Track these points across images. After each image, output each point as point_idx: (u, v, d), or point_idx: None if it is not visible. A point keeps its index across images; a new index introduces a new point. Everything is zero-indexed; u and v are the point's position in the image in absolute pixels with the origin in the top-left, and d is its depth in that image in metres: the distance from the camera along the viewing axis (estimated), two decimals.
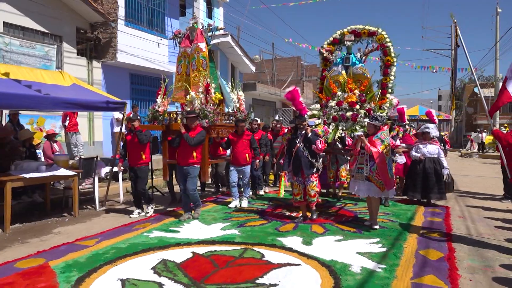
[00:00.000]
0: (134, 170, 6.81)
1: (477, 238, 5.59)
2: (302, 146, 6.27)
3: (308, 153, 6.24)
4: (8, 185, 5.86)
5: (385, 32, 7.50)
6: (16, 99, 5.69)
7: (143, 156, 6.85)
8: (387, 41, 7.44)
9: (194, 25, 7.77)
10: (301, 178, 6.31)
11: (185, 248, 4.99)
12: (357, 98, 7.26)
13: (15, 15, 9.70)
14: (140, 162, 6.81)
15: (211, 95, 7.30)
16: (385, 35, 7.46)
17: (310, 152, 6.24)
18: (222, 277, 4.02)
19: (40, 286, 3.82)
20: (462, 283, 3.91)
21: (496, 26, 25.07)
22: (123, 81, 12.87)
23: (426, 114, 10.66)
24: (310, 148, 6.23)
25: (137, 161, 6.80)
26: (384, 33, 7.49)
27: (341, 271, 4.19)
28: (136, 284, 3.85)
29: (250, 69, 21.16)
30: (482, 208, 7.73)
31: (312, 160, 6.24)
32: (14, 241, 5.43)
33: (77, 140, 10.72)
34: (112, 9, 11.97)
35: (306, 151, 6.25)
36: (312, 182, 6.28)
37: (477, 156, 23.83)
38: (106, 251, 4.89)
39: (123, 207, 7.78)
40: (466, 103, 42.67)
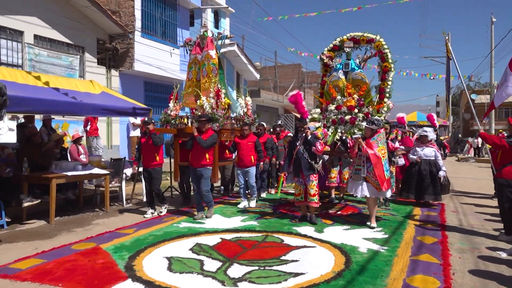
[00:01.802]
0: (148, 171, 7.16)
1: (468, 228, 6.37)
2: (302, 148, 6.48)
3: (308, 155, 6.44)
4: (53, 181, 6.61)
5: (383, 39, 7.83)
6: (62, 105, 6.48)
7: (157, 158, 7.17)
8: (384, 48, 7.77)
9: (205, 33, 8.18)
10: (302, 179, 6.53)
11: (214, 235, 5.75)
12: (356, 102, 7.57)
13: (43, 28, 10.51)
14: (153, 163, 7.14)
15: (221, 100, 7.71)
16: (383, 42, 7.79)
17: (309, 154, 6.44)
18: (251, 255, 4.80)
19: (99, 262, 4.57)
20: (452, 260, 4.67)
21: (491, 34, 25.99)
22: (138, 88, 13.67)
23: (427, 118, 11.06)
24: (310, 150, 6.44)
25: (151, 162, 7.14)
26: (382, 40, 7.82)
27: (350, 251, 4.96)
28: (180, 260, 4.61)
29: (254, 77, 22.00)
30: (474, 205, 8.50)
31: (311, 162, 6.43)
32: (61, 230, 6.17)
33: (97, 144, 11.49)
34: (129, 21, 12.81)
35: (306, 153, 6.44)
36: (312, 181, 6.47)
37: (473, 160, 24.63)
38: (146, 237, 5.65)
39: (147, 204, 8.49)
40: (463, 109, 43.55)
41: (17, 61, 9.85)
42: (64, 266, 4.40)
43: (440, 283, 3.91)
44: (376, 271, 4.25)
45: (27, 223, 6.59)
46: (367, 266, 4.43)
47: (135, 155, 7.72)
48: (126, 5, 12.90)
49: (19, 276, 4.10)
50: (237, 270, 4.25)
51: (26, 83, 6.63)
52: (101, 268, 4.36)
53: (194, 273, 4.18)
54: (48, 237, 5.72)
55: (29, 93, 6.08)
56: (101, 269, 4.31)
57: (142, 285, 3.86)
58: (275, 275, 4.13)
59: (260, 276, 4.10)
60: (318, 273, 4.19)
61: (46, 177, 6.67)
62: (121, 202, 8.41)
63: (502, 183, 5.58)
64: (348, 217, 7.08)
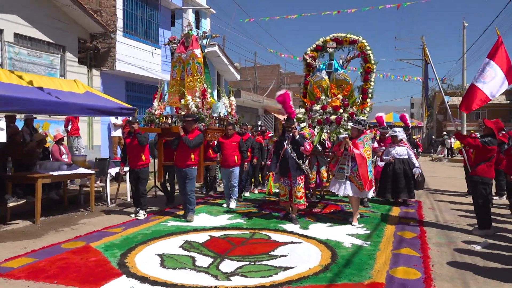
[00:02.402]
0: (135, 172, 7.04)
1: (444, 223, 6.70)
2: (290, 148, 6.49)
3: (296, 154, 6.47)
4: (39, 181, 6.59)
5: (365, 41, 7.96)
6: (49, 105, 6.45)
7: (143, 158, 7.06)
8: (367, 49, 7.92)
9: (190, 31, 8.06)
10: (288, 180, 6.56)
11: (202, 233, 5.87)
12: (341, 102, 7.67)
13: (24, 26, 10.34)
14: (140, 163, 7.03)
15: (207, 99, 7.68)
16: (366, 43, 7.93)
17: (297, 153, 6.47)
18: (241, 251, 4.95)
19: (92, 259, 4.63)
20: (431, 253, 4.95)
21: (463, 39, 26.93)
22: (119, 88, 13.58)
23: (400, 118, 11.34)
24: (297, 150, 6.46)
25: (137, 162, 7.02)
26: (365, 41, 7.96)
27: (335, 246, 5.18)
28: (172, 257, 4.72)
29: (235, 77, 22.12)
30: (449, 202, 8.90)
31: (299, 162, 6.47)
32: (48, 230, 6.16)
33: (78, 144, 11.37)
34: (111, 20, 12.72)
35: (293, 152, 6.46)
36: (299, 184, 6.49)
37: (447, 160, 25.47)
38: (135, 236, 5.72)
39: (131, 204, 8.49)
40: (437, 111, 44.88)
41: None
42: (57, 264, 4.44)
43: (421, 274, 4.17)
44: (361, 264, 4.48)
45: (12, 223, 6.54)
46: (352, 259, 4.66)
47: (121, 156, 7.60)
48: (108, 4, 12.80)
49: (13, 274, 4.13)
50: (229, 265, 4.40)
51: (11, 82, 6.58)
52: (94, 265, 4.42)
53: (187, 269, 4.31)
54: (36, 237, 5.72)
55: (15, 93, 6.03)
56: (94, 267, 4.38)
57: (137, 281, 3.96)
58: (266, 269, 4.30)
59: (252, 270, 4.26)
60: (306, 266, 4.38)
61: (32, 177, 6.64)
62: (105, 202, 8.41)
63: (477, 180, 5.92)
64: (331, 214, 7.32)
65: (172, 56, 8.54)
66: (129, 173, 7.35)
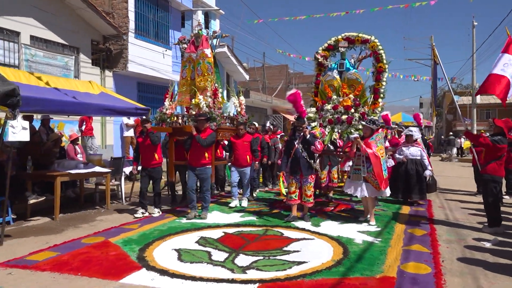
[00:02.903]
0: (148, 170, 7.14)
1: (454, 221, 6.78)
2: (300, 147, 6.50)
3: (307, 154, 6.48)
4: (58, 179, 6.80)
5: (377, 40, 7.94)
6: (68, 105, 6.67)
7: (155, 157, 7.15)
8: (379, 49, 7.90)
9: (200, 31, 8.08)
10: (299, 177, 6.55)
11: (216, 230, 6.02)
12: (352, 102, 7.65)
13: (39, 29, 10.60)
14: (153, 162, 7.13)
15: (218, 99, 7.72)
16: (378, 43, 7.91)
17: (308, 153, 6.48)
18: (255, 247, 5.10)
19: (112, 254, 4.81)
20: (441, 249, 5.05)
21: (473, 38, 26.81)
22: (131, 88, 13.80)
23: (413, 117, 11.24)
24: (308, 150, 6.47)
25: (150, 161, 7.12)
26: (377, 40, 7.93)
27: (347, 243, 5.30)
28: (188, 251, 4.88)
29: (244, 77, 22.31)
30: (459, 201, 8.95)
31: (310, 161, 6.48)
32: (67, 226, 6.37)
33: (92, 143, 11.61)
34: (123, 22, 12.95)
35: (304, 152, 6.47)
36: (310, 183, 6.52)
37: (457, 160, 25.38)
38: (151, 232, 5.89)
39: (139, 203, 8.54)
40: (446, 111, 44.64)
41: (14, 62, 9.93)
42: (79, 258, 4.63)
43: (431, 269, 4.27)
44: (373, 260, 4.59)
45: (32, 219, 6.77)
46: (363, 255, 4.78)
47: (134, 155, 7.68)
48: (120, 6, 13.04)
49: (38, 266, 4.32)
50: (244, 260, 4.55)
51: (30, 84, 6.80)
52: (115, 259, 4.60)
53: (204, 263, 4.46)
54: (56, 232, 5.92)
55: (35, 93, 6.24)
56: (115, 260, 4.55)
57: (157, 273, 4.13)
58: (280, 263, 4.44)
59: (266, 264, 4.41)
60: (319, 261, 4.51)
61: (51, 175, 6.85)
62: (120, 200, 8.60)
63: (487, 178, 6.00)
64: (342, 212, 7.43)
65: (183, 56, 8.53)
66: (141, 172, 7.42)
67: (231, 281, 3.91)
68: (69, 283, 3.88)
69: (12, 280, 3.95)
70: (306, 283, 3.87)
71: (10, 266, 4.36)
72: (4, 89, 4.80)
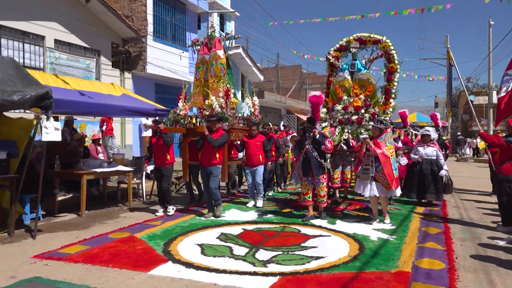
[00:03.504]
0: (160, 170, 7.24)
1: (468, 221, 6.90)
2: (311, 147, 6.57)
3: (317, 154, 6.54)
4: (84, 177, 7.12)
5: (389, 40, 7.93)
6: (94, 107, 6.98)
7: (168, 157, 7.24)
8: (391, 49, 7.90)
9: (212, 33, 8.19)
10: (311, 178, 6.64)
11: (236, 226, 6.26)
12: (363, 102, 7.66)
13: (63, 33, 11.00)
14: (165, 162, 7.22)
15: (231, 99, 7.76)
16: (389, 43, 7.91)
17: (319, 153, 6.54)
18: (274, 242, 5.32)
19: (139, 248, 5.08)
20: (455, 247, 5.19)
21: (489, 37, 26.53)
22: (149, 90, 14.16)
23: (430, 117, 11.20)
24: (319, 149, 6.52)
25: (163, 161, 7.21)
26: (389, 41, 7.93)
27: (362, 239, 5.48)
28: (211, 246, 5.12)
29: (258, 78, 22.53)
30: (474, 201, 9.02)
31: (321, 161, 6.53)
32: (93, 222, 6.68)
33: (112, 143, 11.96)
34: (142, 25, 13.31)
35: (315, 152, 6.53)
36: (322, 183, 6.58)
37: (472, 160, 25.19)
38: (173, 228, 6.16)
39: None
40: (462, 111, 44.15)
41: (39, 64, 10.34)
42: (108, 251, 4.91)
43: (445, 265, 4.43)
44: (388, 256, 4.77)
45: (60, 216, 7.10)
46: (379, 251, 4.95)
47: (146, 155, 7.78)
48: (139, 10, 13.40)
49: (71, 258, 4.61)
50: (264, 254, 4.77)
51: (57, 86, 7.13)
52: (142, 252, 4.87)
53: (226, 257, 4.70)
54: (84, 228, 6.23)
55: (63, 96, 6.57)
56: (142, 254, 4.82)
57: (182, 266, 4.37)
58: (299, 258, 4.65)
59: (285, 259, 4.62)
60: (336, 256, 4.71)
61: (78, 173, 7.17)
62: (141, 198, 8.91)
63: (502, 178, 6.09)
64: (356, 211, 7.59)
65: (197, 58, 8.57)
66: (154, 171, 7.51)
67: (253, 273, 4.13)
68: (102, 274, 4.15)
69: (49, 271, 4.24)
70: (324, 276, 4.07)
71: (46, 258, 4.66)
72: (39, 92, 5.12)
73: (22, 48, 10.00)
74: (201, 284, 3.89)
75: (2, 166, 5.62)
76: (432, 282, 3.93)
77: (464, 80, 22.64)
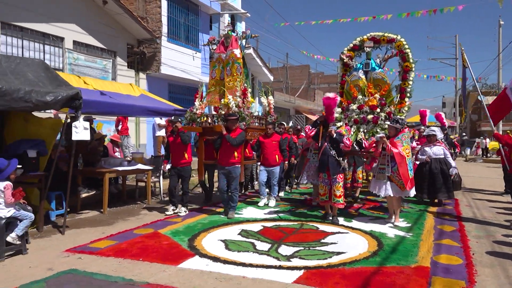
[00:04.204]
0: (178, 169, 7.27)
1: (482, 219, 7.02)
2: (329, 146, 6.51)
3: (335, 152, 6.50)
4: (107, 175, 7.34)
5: (404, 39, 7.87)
6: (116, 107, 7.21)
7: (185, 156, 7.28)
8: (405, 48, 7.83)
9: (229, 32, 8.18)
10: (327, 180, 6.54)
11: (255, 223, 6.44)
12: (378, 102, 7.64)
13: (81, 34, 11.26)
14: (183, 161, 7.26)
15: (248, 99, 7.71)
16: (404, 42, 7.85)
17: (337, 151, 6.50)
18: (294, 239, 5.50)
19: (165, 243, 5.28)
20: (471, 244, 5.34)
21: (499, 37, 26.54)
22: (163, 90, 14.39)
23: (435, 117, 11.27)
24: (337, 148, 6.49)
25: (180, 160, 7.25)
26: (403, 40, 7.87)
27: (380, 236, 5.64)
28: (234, 242, 5.31)
29: (268, 78, 22.70)
30: (486, 200, 9.13)
31: (339, 159, 6.49)
32: (116, 218, 6.90)
33: (128, 142, 12.19)
34: (156, 27, 13.55)
35: (333, 150, 6.49)
36: (338, 182, 6.48)
37: (481, 160, 25.18)
38: (195, 225, 6.35)
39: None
40: (470, 111, 44.01)
41: (59, 65, 10.60)
42: (136, 246, 5.11)
43: (463, 261, 4.59)
44: (406, 252, 4.93)
45: (82, 212, 7.32)
46: (397, 247, 5.12)
47: (164, 154, 7.76)
48: (154, 11, 13.64)
49: (102, 252, 4.83)
50: (287, 250, 4.95)
51: (80, 87, 7.35)
52: (168, 247, 5.07)
53: (250, 252, 4.89)
54: (108, 224, 6.45)
55: (87, 96, 6.79)
56: (168, 248, 5.02)
57: (210, 260, 4.57)
58: (320, 253, 4.83)
59: (308, 254, 4.80)
60: (356, 252, 4.88)
61: (101, 171, 7.40)
62: (158, 196, 9.12)
63: None
64: (371, 209, 7.74)
65: (212, 57, 8.59)
66: (171, 171, 7.45)
67: (279, 267, 4.32)
68: (134, 267, 4.36)
69: (83, 264, 4.45)
70: (347, 270, 4.25)
71: (78, 252, 4.88)
72: (69, 93, 5.34)
73: (42, 49, 10.27)
74: (230, 276, 4.08)
75: (33, 164, 5.84)
76: (451, 276, 4.09)
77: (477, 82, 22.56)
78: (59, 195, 6.94)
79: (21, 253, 4.80)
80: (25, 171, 5.55)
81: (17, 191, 4.80)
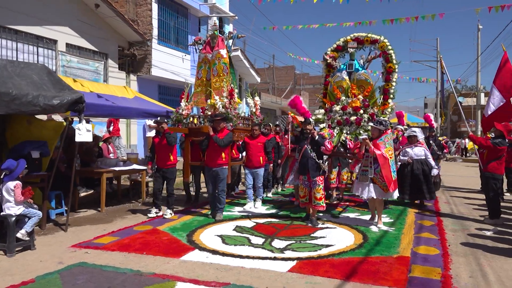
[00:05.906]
0: (163, 171, 7.15)
1: (459, 215, 7.55)
2: (309, 148, 6.45)
3: (315, 154, 6.44)
4: (104, 175, 7.62)
5: (387, 40, 7.92)
6: (114, 110, 7.48)
7: (171, 157, 7.15)
8: (389, 49, 7.89)
9: (215, 32, 8.11)
10: (307, 182, 6.49)
11: (247, 220, 6.81)
12: (361, 103, 7.67)
13: (74, 37, 11.47)
14: (168, 163, 7.14)
15: (235, 99, 7.66)
16: (387, 43, 7.90)
17: (317, 153, 6.44)
18: (286, 233, 5.90)
19: (164, 238, 5.61)
20: (447, 236, 5.83)
21: (478, 41, 27.45)
22: (153, 91, 14.65)
23: (424, 118, 11.45)
24: (317, 150, 6.42)
25: (166, 162, 7.13)
26: (386, 41, 7.92)
27: (365, 231, 6.08)
28: (230, 237, 5.68)
29: (255, 80, 23.09)
30: (463, 198, 9.70)
31: (319, 162, 6.42)
32: (114, 217, 7.18)
33: (119, 143, 12.43)
34: (147, 29, 13.80)
35: (313, 152, 6.42)
36: (318, 185, 6.40)
37: (461, 160, 26.08)
38: (191, 222, 6.70)
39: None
40: (451, 112, 45.24)
41: (52, 67, 10.77)
42: (138, 241, 5.44)
43: (440, 251, 5.05)
44: (389, 244, 5.38)
45: (81, 211, 7.58)
46: (381, 240, 5.57)
47: (149, 155, 7.64)
48: (144, 14, 13.89)
49: (107, 247, 5.14)
50: (280, 243, 5.35)
51: (77, 89, 7.59)
52: (169, 242, 5.41)
53: (245, 245, 5.26)
54: (108, 222, 6.74)
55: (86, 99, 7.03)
56: (169, 243, 5.36)
57: (209, 253, 4.93)
58: (311, 246, 5.24)
59: (299, 247, 5.21)
60: (343, 244, 5.31)
61: (98, 171, 7.67)
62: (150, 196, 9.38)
63: (488, 176, 6.77)
64: (357, 206, 8.18)
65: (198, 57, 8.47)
66: (156, 172, 7.34)
67: (274, 258, 4.71)
68: (139, 259, 4.69)
69: (91, 257, 4.76)
70: (336, 260, 4.66)
71: (83, 247, 5.18)
72: (73, 96, 5.63)
73: (36, 52, 10.45)
74: (230, 267, 4.45)
75: (36, 165, 6.09)
76: (429, 264, 4.55)
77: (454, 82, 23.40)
78: (58, 194, 7.19)
79: (30, 249, 5.07)
80: (28, 171, 5.80)
81: (26, 190, 5.08)
